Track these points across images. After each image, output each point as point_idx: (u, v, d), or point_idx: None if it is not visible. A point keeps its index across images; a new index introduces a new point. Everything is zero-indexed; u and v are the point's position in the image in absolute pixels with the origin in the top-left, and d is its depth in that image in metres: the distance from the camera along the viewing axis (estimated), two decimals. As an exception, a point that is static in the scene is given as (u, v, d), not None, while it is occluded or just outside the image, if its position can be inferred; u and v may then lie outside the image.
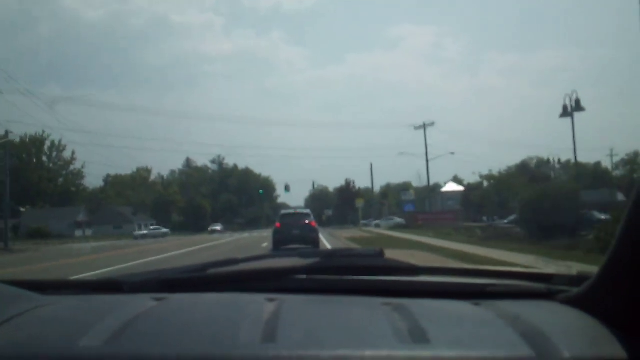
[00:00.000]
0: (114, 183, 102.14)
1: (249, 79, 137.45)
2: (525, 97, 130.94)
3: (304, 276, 1.18)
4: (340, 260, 1.30)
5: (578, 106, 26.38)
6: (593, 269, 0.94)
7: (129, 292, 1.13)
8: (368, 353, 0.69)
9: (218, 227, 71.63)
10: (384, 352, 0.70)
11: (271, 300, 0.95)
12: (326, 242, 22.82)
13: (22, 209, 64.04)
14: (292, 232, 18.58)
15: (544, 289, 1.10)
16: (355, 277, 1.17)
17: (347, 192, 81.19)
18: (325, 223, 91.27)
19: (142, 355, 0.68)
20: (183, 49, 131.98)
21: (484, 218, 56.27)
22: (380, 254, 1.33)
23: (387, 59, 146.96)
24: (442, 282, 1.21)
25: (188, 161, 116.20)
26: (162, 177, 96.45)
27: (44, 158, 72.97)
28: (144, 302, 0.93)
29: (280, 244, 18.60)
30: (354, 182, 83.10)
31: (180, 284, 1.17)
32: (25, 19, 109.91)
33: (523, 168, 58.04)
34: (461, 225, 34.90)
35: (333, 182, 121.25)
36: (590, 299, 0.95)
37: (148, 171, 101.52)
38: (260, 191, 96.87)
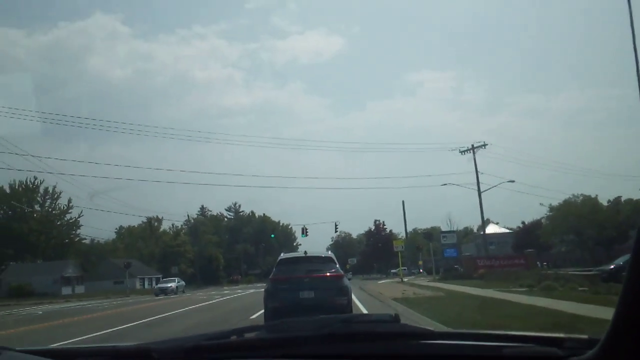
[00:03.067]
0: (122, 235, 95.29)
1: (269, 129, 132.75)
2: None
3: (323, 343, 1.22)
4: (357, 326, 1.34)
5: None
6: None
7: (159, 359, 1.17)
8: None
9: (170, 285, 42.99)
10: None
11: None
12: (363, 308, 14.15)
13: (2, 266, 56.37)
14: (299, 294, 10.13)
15: (557, 352, 1.12)
16: (372, 344, 1.20)
17: (377, 236, 70.99)
18: (349, 272, 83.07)
19: None
20: (204, 103, 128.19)
21: (544, 264, 46.69)
22: (396, 319, 1.38)
23: (408, 104, 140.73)
24: (458, 345, 1.22)
25: (202, 209, 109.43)
26: (174, 226, 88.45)
27: (37, 207, 65.51)
28: None
29: (278, 316, 9.76)
30: (383, 224, 72.76)
31: (206, 350, 1.24)
32: (53, 82, 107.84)
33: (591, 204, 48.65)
34: (541, 273, 25.77)
35: (357, 229, 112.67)
36: None
37: (159, 220, 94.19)
38: (272, 235, 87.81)
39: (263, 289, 11.37)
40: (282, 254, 12.10)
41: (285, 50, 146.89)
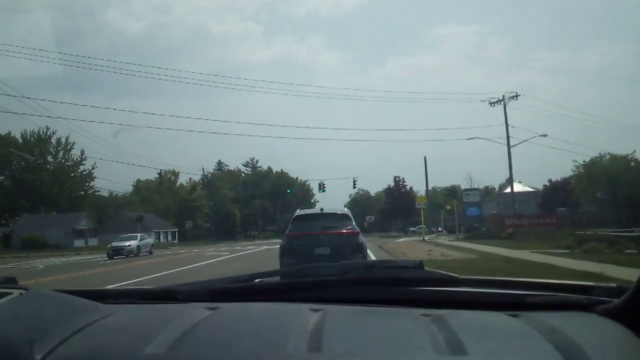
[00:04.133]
0: (139, 188, 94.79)
1: (289, 85, 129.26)
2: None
3: (346, 287, 1.24)
4: (382, 271, 1.36)
5: None
6: None
7: (183, 300, 1.19)
8: None
9: (128, 244, 32.31)
10: None
11: (315, 310, 1.00)
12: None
13: (15, 217, 55.76)
14: (314, 250, 10.02)
15: (582, 300, 1.11)
16: (396, 288, 1.22)
17: (397, 193, 68.68)
18: (366, 231, 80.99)
19: None
20: (223, 58, 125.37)
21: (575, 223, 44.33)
22: (420, 265, 1.39)
23: (430, 60, 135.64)
24: (482, 293, 1.23)
25: (219, 164, 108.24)
26: (191, 180, 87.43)
27: (50, 158, 64.36)
28: (199, 311, 1.00)
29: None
30: (403, 181, 70.25)
31: (229, 293, 1.26)
32: (71, 35, 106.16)
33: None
34: (577, 233, 23.54)
35: (376, 187, 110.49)
36: (628, 311, 0.97)
37: (175, 174, 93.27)
38: (288, 190, 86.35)
39: (277, 246, 11.25)
40: (298, 211, 12.03)
41: (305, 2, 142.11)
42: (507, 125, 36.98)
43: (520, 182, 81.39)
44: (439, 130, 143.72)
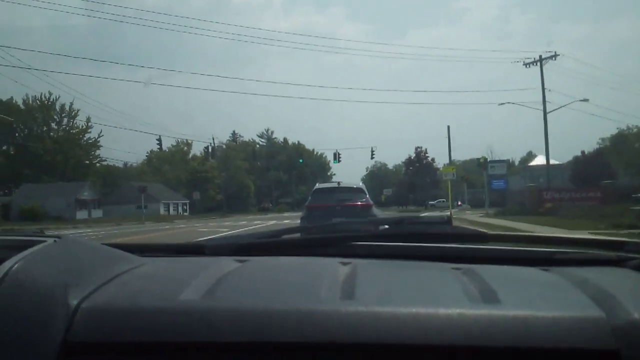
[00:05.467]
0: (151, 158, 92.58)
1: (309, 56, 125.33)
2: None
3: (374, 242, 1.23)
4: (409, 227, 1.36)
5: None
6: None
7: (210, 255, 1.21)
8: (441, 311, 0.72)
9: None
10: (456, 311, 0.72)
11: (344, 264, 1.00)
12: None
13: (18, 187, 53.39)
14: (332, 221, 9.52)
15: (614, 256, 1.10)
16: (425, 244, 1.21)
17: (418, 164, 64.71)
18: (383, 205, 78.18)
19: (236, 307, 0.74)
20: (242, 28, 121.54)
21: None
22: (449, 220, 1.41)
23: (451, 32, 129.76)
24: (511, 249, 1.22)
25: (234, 134, 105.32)
26: (206, 150, 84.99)
27: (54, 125, 61.72)
28: (229, 263, 1.01)
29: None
30: (426, 151, 66.18)
31: (257, 248, 1.26)
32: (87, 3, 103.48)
33: None
34: (632, 209, 19.85)
35: (393, 159, 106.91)
36: None
37: (188, 145, 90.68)
38: (300, 160, 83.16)
39: (287, 221, 13.39)
40: (317, 184, 13.25)
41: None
42: (543, 88, 33.08)
43: (541, 155, 77.42)
44: (464, 95, 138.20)
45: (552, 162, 73.42)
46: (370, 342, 0.69)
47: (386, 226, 1.37)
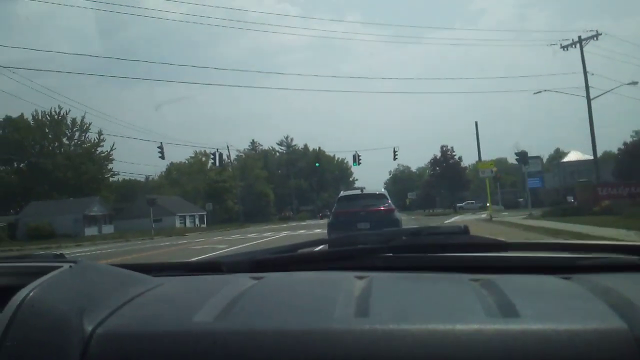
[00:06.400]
0: (170, 171, 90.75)
1: (326, 65, 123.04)
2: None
3: (391, 254, 1.22)
4: (426, 238, 1.35)
5: None
6: None
7: (227, 272, 1.21)
8: (458, 327, 0.70)
9: None
10: (473, 326, 0.70)
11: (360, 277, 0.99)
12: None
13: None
14: (357, 225, 11.67)
15: (637, 260, 1.08)
16: (442, 255, 1.20)
17: (445, 164, 60.89)
18: (407, 209, 73.47)
19: (249, 329, 0.73)
20: (259, 40, 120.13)
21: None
22: (466, 230, 1.37)
23: (468, 34, 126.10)
24: (531, 257, 1.21)
25: (253, 143, 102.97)
26: (215, 158, 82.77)
27: (65, 140, 59.87)
28: (244, 280, 1.00)
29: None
30: (452, 150, 62.26)
31: (273, 263, 1.27)
32: (110, 23, 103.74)
33: None
34: None
35: (417, 162, 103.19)
36: None
37: (207, 155, 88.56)
38: (317, 164, 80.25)
39: (303, 231, 15.02)
40: (341, 192, 14.28)
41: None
42: (585, 72, 29.40)
43: (568, 152, 72.56)
44: (490, 83, 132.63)
45: (588, 156, 69.52)
46: None
47: (404, 237, 1.34)
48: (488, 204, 26.50)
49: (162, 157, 34.88)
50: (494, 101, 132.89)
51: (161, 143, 34.84)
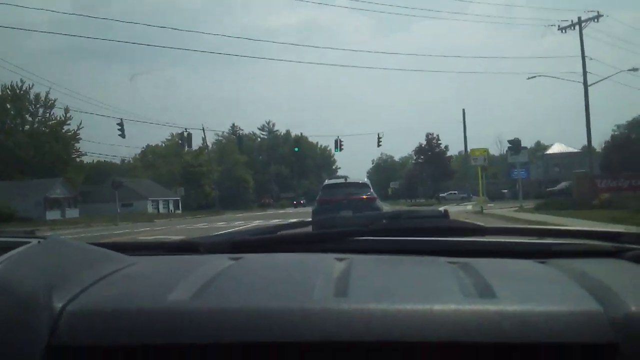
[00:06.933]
0: (146, 153, 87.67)
1: (313, 50, 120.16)
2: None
3: (371, 237, 1.24)
4: (406, 221, 1.35)
5: None
6: None
7: (205, 252, 1.20)
8: (436, 307, 0.71)
9: None
10: (451, 306, 0.71)
11: (340, 259, 0.99)
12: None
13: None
14: (339, 213, 11.36)
15: (611, 247, 1.10)
16: (421, 238, 1.21)
17: (430, 153, 58.78)
18: (390, 198, 70.96)
19: (225, 308, 0.72)
20: (246, 24, 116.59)
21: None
22: (446, 215, 1.38)
23: (455, 24, 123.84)
24: (508, 242, 1.23)
25: (233, 127, 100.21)
26: (182, 137, 79.92)
27: (28, 117, 56.08)
28: (222, 261, 0.98)
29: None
30: (438, 138, 60.13)
31: (252, 244, 1.25)
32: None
33: None
34: None
35: (400, 152, 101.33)
36: None
37: (184, 137, 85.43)
38: (296, 148, 77.99)
39: (276, 221, 14.08)
40: (326, 180, 15.44)
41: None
42: (583, 56, 27.49)
43: (551, 145, 71.07)
44: (473, 63, 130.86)
45: (571, 149, 68.09)
46: (363, 340, 0.68)
47: (384, 221, 1.34)
48: (479, 195, 24.50)
49: (122, 136, 32.12)
50: (477, 91, 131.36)
51: (121, 120, 32.01)
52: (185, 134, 40.62)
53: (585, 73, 27.43)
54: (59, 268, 0.83)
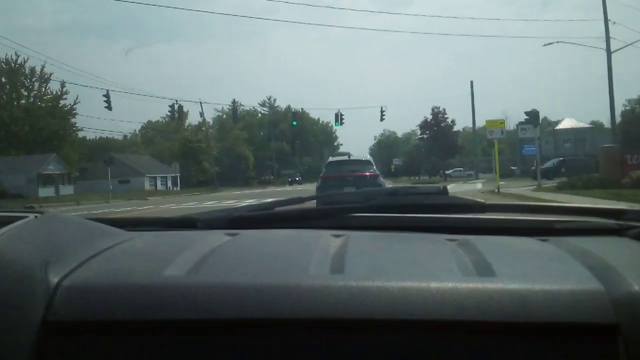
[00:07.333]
0: (145, 129, 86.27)
1: (313, 26, 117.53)
2: None
3: (369, 214, 1.22)
4: (404, 198, 1.34)
5: None
6: None
7: (202, 228, 1.19)
8: (433, 285, 0.70)
9: None
10: (448, 284, 0.70)
11: (337, 236, 0.98)
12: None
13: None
14: (343, 189, 12.00)
15: (614, 225, 1.08)
16: (420, 215, 1.19)
17: (436, 128, 56.85)
18: (392, 175, 69.59)
19: (221, 284, 0.71)
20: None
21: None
22: (445, 191, 1.36)
23: None
24: (508, 219, 1.21)
25: (234, 102, 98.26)
26: (172, 110, 78.16)
27: (23, 91, 54.37)
28: (219, 236, 0.98)
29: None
30: (444, 112, 57.95)
31: (250, 220, 1.25)
32: None
33: None
34: None
35: (403, 128, 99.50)
36: None
37: (184, 113, 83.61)
38: (294, 122, 76.05)
39: (271, 199, 5.10)
40: (330, 157, 15.74)
41: None
42: (606, 19, 25.58)
43: (559, 121, 68.89)
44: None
45: (583, 124, 66.03)
46: (359, 318, 0.67)
47: (382, 197, 1.33)
48: (495, 172, 22.82)
49: (109, 108, 30.39)
50: (483, 64, 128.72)
51: (107, 91, 30.18)
52: (176, 106, 38.48)
53: (608, 38, 25.56)
54: (56, 243, 0.83)
